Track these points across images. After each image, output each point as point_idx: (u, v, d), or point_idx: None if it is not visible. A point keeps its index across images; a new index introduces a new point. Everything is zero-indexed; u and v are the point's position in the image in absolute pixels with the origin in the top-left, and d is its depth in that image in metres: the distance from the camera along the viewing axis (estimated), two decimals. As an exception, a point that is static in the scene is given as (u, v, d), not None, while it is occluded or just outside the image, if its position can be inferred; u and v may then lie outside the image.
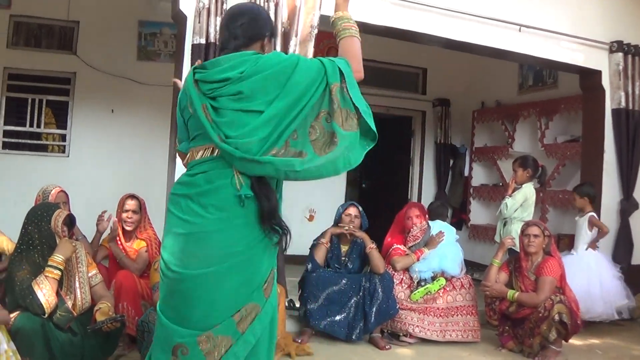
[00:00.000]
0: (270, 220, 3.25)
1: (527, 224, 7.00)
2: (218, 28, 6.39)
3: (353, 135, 3.34)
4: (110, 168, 10.17)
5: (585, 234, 8.24)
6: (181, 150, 3.71)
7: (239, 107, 3.25)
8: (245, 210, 3.22)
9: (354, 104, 3.32)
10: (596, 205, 8.48)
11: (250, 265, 3.23)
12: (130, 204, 6.46)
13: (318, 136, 3.29)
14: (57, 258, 4.87)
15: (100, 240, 6.58)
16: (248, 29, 3.50)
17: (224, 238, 3.20)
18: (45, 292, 4.72)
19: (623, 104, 8.86)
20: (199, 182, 3.30)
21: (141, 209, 6.53)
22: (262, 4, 6.60)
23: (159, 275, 4.94)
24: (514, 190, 8.01)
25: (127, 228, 6.45)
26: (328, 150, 3.28)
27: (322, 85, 3.30)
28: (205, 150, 3.34)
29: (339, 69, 3.36)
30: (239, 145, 3.17)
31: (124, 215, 6.44)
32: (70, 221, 5.27)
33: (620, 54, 8.86)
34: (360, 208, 7.25)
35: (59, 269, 4.85)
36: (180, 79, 6.61)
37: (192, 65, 6.44)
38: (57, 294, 4.83)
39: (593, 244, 8.22)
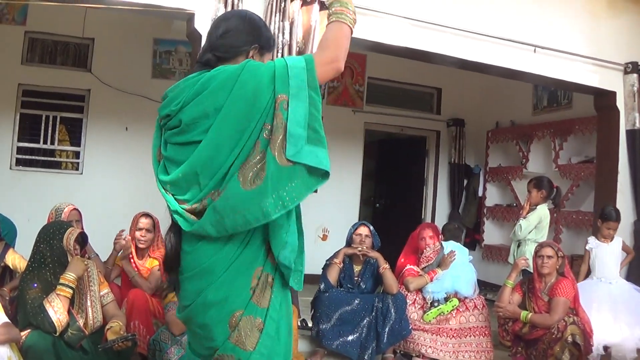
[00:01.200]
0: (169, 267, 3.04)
1: (541, 245, 6.97)
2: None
3: (288, 170, 2.72)
4: (123, 186, 10.17)
5: (618, 260, 8.05)
6: None
7: (178, 140, 2.90)
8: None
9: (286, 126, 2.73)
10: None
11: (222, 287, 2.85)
12: (144, 223, 6.46)
13: (252, 159, 2.75)
14: (69, 276, 4.87)
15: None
16: (230, 38, 3.00)
17: None
18: (56, 310, 4.72)
19: (637, 124, 8.82)
20: None
21: (155, 227, 6.53)
22: (277, 24, 6.61)
23: (171, 295, 4.96)
24: (528, 212, 7.99)
25: (141, 246, 6.45)
26: (254, 184, 2.72)
27: (269, 95, 2.74)
28: None
29: (287, 72, 2.76)
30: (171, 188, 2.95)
31: (138, 233, 6.44)
32: (82, 239, 5.27)
33: (635, 75, 8.84)
34: (372, 227, 7.24)
35: (71, 287, 4.85)
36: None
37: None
38: (69, 312, 4.84)
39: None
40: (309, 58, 2.82)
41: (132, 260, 6.41)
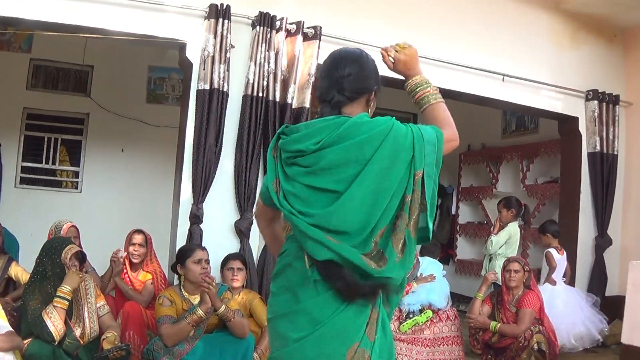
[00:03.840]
0: (353, 297, 2.55)
1: (509, 260, 7.02)
2: (221, 75, 6.45)
3: (414, 242, 2.63)
4: (119, 204, 10.20)
5: (544, 268, 8.35)
6: (261, 198, 2.97)
7: (308, 182, 2.62)
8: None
9: (423, 201, 2.61)
10: (571, 241, 8.62)
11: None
12: (137, 238, 6.48)
13: (400, 231, 2.58)
14: (65, 289, 4.85)
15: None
16: (356, 81, 2.80)
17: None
18: (53, 320, 4.70)
19: (598, 147, 8.92)
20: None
21: (147, 242, 6.54)
22: (262, 53, 6.64)
23: (164, 309, 4.89)
24: (499, 229, 8.02)
25: (134, 260, 6.46)
26: (401, 255, 2.57)
27: (408, 164, 2.58)
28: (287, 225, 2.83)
29: (423, 147, 2.61)
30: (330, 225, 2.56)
31: (131, 248, 6.45)
32: (81, 257, 5.26)
33: (596, 102, 8.92)
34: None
35: (67, 299, 4.84)
36: (186, 121, 6.66)
37: (196, 110, 6.51)
38: (66, 322, 4.83)
39: (550, 278, 8.04)
40: (440, 136, 2.72)
41: (126, 274, 6.43)
